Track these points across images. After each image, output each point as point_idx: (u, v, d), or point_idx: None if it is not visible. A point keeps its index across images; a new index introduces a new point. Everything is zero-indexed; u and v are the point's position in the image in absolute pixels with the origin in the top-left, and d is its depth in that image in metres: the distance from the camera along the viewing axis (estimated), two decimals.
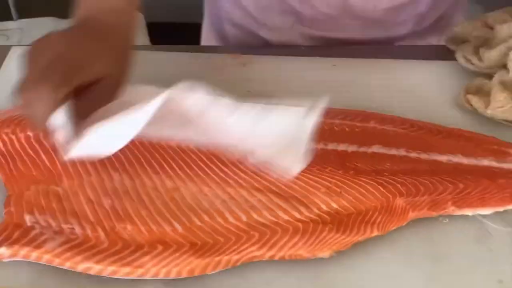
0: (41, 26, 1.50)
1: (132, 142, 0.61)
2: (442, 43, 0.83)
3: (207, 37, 1.02)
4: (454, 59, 0.77)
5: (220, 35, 1.00)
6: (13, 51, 0.78)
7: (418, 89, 0.73)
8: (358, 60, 0.77)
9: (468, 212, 0.59)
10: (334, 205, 0.58)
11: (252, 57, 0.78)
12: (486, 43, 0.75)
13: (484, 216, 0.60)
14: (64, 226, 0.56)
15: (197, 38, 1.10)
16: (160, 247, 0.54)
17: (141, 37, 1.50)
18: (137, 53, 0.77)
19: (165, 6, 2.11)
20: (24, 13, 2.08)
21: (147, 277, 0.53)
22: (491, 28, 0.76)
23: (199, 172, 0.60)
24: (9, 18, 2.01)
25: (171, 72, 0.75)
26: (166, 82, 0.73)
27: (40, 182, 0.59)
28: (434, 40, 0.95)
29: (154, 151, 0.61)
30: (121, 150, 0.61)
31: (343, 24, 0.89)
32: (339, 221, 0.57)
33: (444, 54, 0.80)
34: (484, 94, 0.70)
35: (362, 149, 0.63)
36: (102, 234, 0.55)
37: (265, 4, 0.91)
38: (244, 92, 0.73)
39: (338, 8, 0.86)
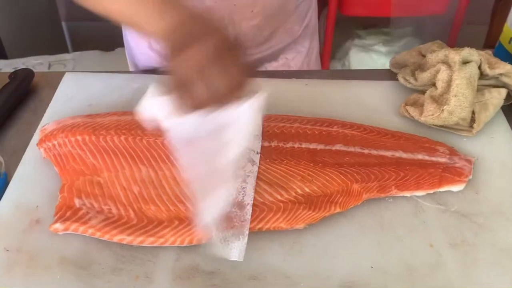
0: (90, 58, 1.50)
1: (155, 142, 0.60)
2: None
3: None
4: (396, 79, 0.76)
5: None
6: (66, 75, 0.77)
7: (370, 102, 0.73)
8: (324, 81, 0.77)
9: (407, 193, 0.59)
10: (307, 190, 0.57)
11: None
12: (420, 67, 0.74)
13: (419, 196, 0.59)
14: (104, 207, 0.55)
15: None
16: (176, 222, 0.54)
17: None
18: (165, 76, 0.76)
19: None
20: (76, 47, 2.08)
21: (166, 244, 0.53)
22: (424, 56, 0.76)
23: None
24: (65, 51, 2.00)
25: None
26: None
27: (86, 174, 0.58)
28: None
29: (173, 150, 0.60)
30: (147, 150, 0.60)
31: None
32: (310, 202, 0.56)
33: (389, 75, 0.79)
34: (419, 105, 0.69)
35: (328, 147, 0.62)
36: (132, 213, 0.55)
37: None
38: None
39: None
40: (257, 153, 0.60)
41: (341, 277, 0.51)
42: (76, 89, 0.74)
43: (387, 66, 0.82)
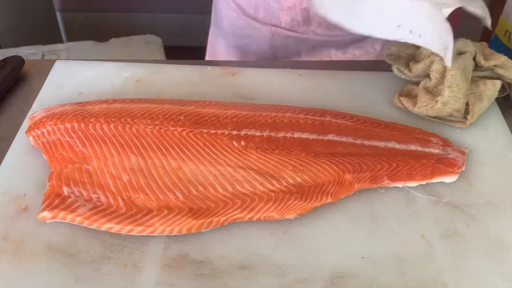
0: (84, 48, 1.48)
1: (145, 131, 0.60)
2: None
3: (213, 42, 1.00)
4: (391, 70, 0.76)
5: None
6: (57, 63, 0.76)
7: (364, 92, 0.72)
8: (318, 71, 0.76)
9: (399, 184, 0.58)
10: (298, 179, 0.57)
11: (239, 68, 0.76)
12: (414, 58, 0.73)
13: (411, 187, 0.59)
14: (92, 195, 0.54)
15: (199, 57, 1.08)
16: (165, 211, 0.53)
17: (159, 55, 1.48)
18: (156, 65, 0.76)
19: (178, 33, 2.09)
20: (71, 37, 2.07)
21: (156, 234, 0.52)
22: (418, 47, 0.75)
23: (197, 155, 0.58)
24: (59, 41, 1.99)
25: (178, 79, 0.74)
26: (174, 85, 0.72)
27: (75, 162, 0.58)
28: None
29: (163, 139, 0.59)
30: (136, 138, 0.59)
31: None
32: (302, 191, 0.56)
33: (384, 66, 0.78)
34: (413, 96, 0.69)
35: (320, 137, 0.61)
36: (121, 202, 0.54)
37: None
38: (231, 94, 0.72)
39: None
40: None
41: (331, 267, 0.51)
42: (67, 77, 0.73)
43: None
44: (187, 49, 1.14)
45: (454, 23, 0.60)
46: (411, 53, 0.76)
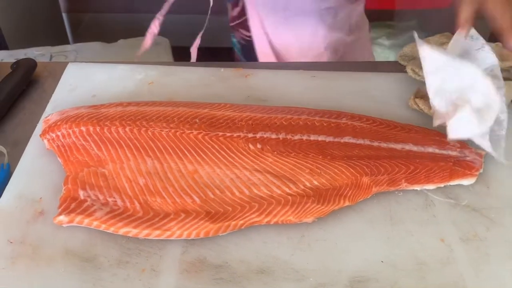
0: (92, 49, 1.48)
1: (160, 134, 0.60)
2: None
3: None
4: (405, 71, 0.75)
5: None
6: (69, 66, 0.76)
7: (378, 94, 0.72)
8: (332, 73, 0.76)
9: (417, 187, 0.58)
10: (316, 183, 0.57)
11: (252, 70, 0.76)
12: None
13: (429, 190, 0.58)
14: (109, 199, 0.54)
15: (210, 58, 1.08)
16: (183, 215, 0.53)
17: (167, 56, 1.47)
18: (169, 67, 0.75)
19: (185, 33, 2.09)
20: (77, 39, 2.06)
21: (173, 238, 0.52)
22: None
23: (213, 158, 0.58)
24: (66, 42, 1.98)
25: (192, 81, 0.74)
26: (188, 87, 0.72)
27: (90, 165, 0.58)
28: None
29: (178, 142, 0.59)
30: (152, 141, 0.59)
31: None
32: (319, 195, 0.55)
33: (397, 67, 0.78)
34: (428, 98, 0.68)
35: (337, 140, 0.61)
36: (137, 205, 0.54)
37: None
38: (245, 97, 0.71)
39: None
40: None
41: (351, 272, 0.50)
42: (79, 80, 0.73)
43: (390, 59, 0.82)
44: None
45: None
46: None
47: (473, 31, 0.61)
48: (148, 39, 0.87)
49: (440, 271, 0.51)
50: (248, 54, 0.98)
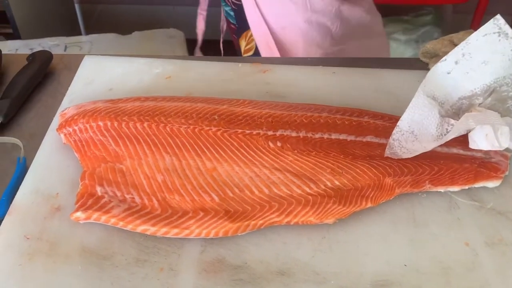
0: (106, 40, 1.47)
1: (179, 130, 0.59)
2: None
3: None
4: (427, 69, 0.74)
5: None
6: (86, 58, 0.75)
7: (400, 92, 0.70)
8: (352, 69, 0.74)
9: (441, 189, 0.57)
10: (337, 183, 0.55)
11: (271, 66, 0.75)
12: None
13: (453, 192, 0.57)
14: (127, 196, 0.53)
15: (225, 51, 1.07)
16: (201, 213, 0.52)
17: (181, 49, 1.46)
18: (186, 61, 0.74)
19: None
20: (89, 29, 2.06)
21: (192, 236, 0.51)
22: (455, 45, 0.73)
23: (232, 155, 0.57)
24: (77, 33, 1.98)
25: (209, 76, 0.73)
26: (205, 82, 0.71)
27: (108, 161, 0.57)
28: None
29: (197, 139, 0.58)
30: (170, 137, 0.58)
31: None
32: (340, 195, 0.54)
33: (418, 64, 0.77)
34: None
35: (359, 139, 0.60)
36: (156, 203, 0.53)
37: None
38: (263, 93, 0.70)
39: None
40: None
41: (373, 275, 0.49)
42: (96, 73, 0.72)
43: (406, 54, 0.80)
44: (208, 42, 1.12)
45: (477, 19, 0.59)
46: (448, 52, 0.74)
47: (509, 30, 0.59)
48: (199, 35, 0.87)
49: (465, 276, 0.50)
50: (241, 20, 0.97)
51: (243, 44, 1.02)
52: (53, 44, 1.38)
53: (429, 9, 2.05)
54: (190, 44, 1.55)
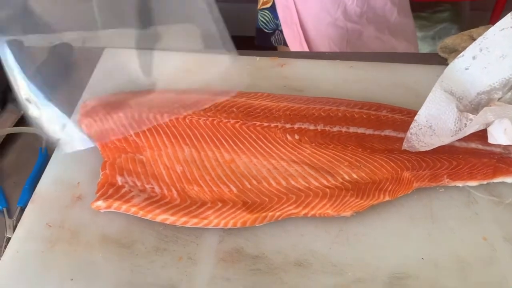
0: (124, 35, 1.48)
1: (198, 122, 0.59)
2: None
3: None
4: (445, 64, 0.73)
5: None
6: (106, 51, 0.76)
7: (419, 86, 0.70)
8: (370, 63, 0.74)
9: (459, 183, 0.56)
10: (355, 176, 0.55)
11: (288, 60, 0.75)
12: None
13: (471, 187, 0.57)
14: (147, 186, 0.54)
15: (244, 47, 1.07)
16: (220, 204, 0.52)
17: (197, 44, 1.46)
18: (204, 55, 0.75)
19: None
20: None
21: (210, 226, 0.52)
22: (474, 40, 0.72)
23: (250, 147, 0.57)
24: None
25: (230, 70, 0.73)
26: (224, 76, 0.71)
27: (128, 151, 0.57)
28: None
29: (216, 131, 0.59)
30: (189, 129, 0.59)
31: None
32: (358, 188, 0.54)
33: (436, 59, 0.76)
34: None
35: (377, 132, 0.60)
36: (175, 193, 0.53)
37: None
38: (281, 87, 0.70)
39: None
40: None
41: (390, 268, 0.49)
42: (116, 66, 0.73)
43: (422, 51, 0.79)
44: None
45: (496, 16, 0.59)
46: (467, 47, 0.74)
47: None
48: None
49: (483, 270, 0.49)
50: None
51: None
52: (72, 38, 1.39)
53: (447, 5, 2.03)
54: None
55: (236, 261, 0.50)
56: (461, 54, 0.62)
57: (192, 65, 0.72)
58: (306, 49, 0.98)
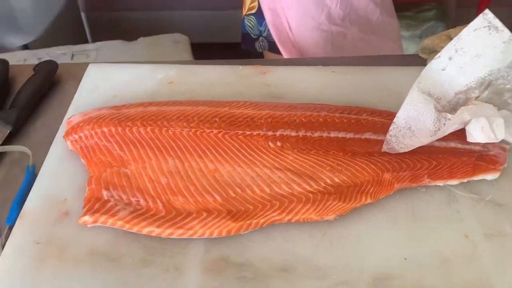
0: (113, 47, 1.49)
1: (181, 133, 0.60)
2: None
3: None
4: (426, 65, 0.74)
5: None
6: (90, 67, 0.76)
7: (400, 88, 0.70)
8: (351, 68, 0.75)
9: (440, 183, 0.57)
10: (337, 180, 0.56)
11: (271, 67, 0.76)
12: None
13: (452, 185, 0.57)
14: (132, 199, 0.55)
15: (229, 54, 1.08)
16: (204, 214, 0.53)
17: (186, 54, 1.48)
18: (188, 66, 0.76)
19: (204, 30, 2.10)
20: (96, 37, 2.08)
21: (195, 236, 0.52)
22: None
23: (233, 156, 0.58)
24: (85, 41, 2.00)
25: (211, 80, 0.74)
26: (207, 86, 0.72)
27: (113, 165, 0.58)
28: None
29: (199, 141, 0.59)
30: (173, 140, 0.60)
31: None
32: (340, 192, 0.55)
33: (417, 61, 0.77)
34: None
35: (357, 136, 0.61)
36: (160, 205, 0.54)
37: None
38: (264, 94, 0.71)
39: None
40: None
41: (374, 269, 0.50)
42: (101, 80, 0.74)
43: (409, 51, 0.80)
44: (213, 46, 1.13)
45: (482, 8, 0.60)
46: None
47: (499, 23, 0.59)
48: None
49: (465, 268, 0.50)
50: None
51: (247, 1, 1.04)
52: (61, 53, 1.40)
53: (432, 4, 2.05)
54: (195, 49, 1.56)
55: (222, 269, 0.51)
56: (437, 55, 0.63)
57: (175, 77, 0.74)
58: (295, 51, 0.99)
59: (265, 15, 1.00)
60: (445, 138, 0.61)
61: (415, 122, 0.59)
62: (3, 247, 0.53)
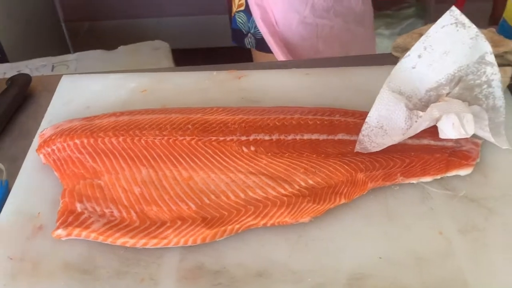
0: (93, 57, 1.48)
1: (154, 142, 0.60)
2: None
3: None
4: None
5: None
6: (63, 78, 0.76)
7: (372, 88, 0.70)
8: (325, 69, 0.75)
9: (413, 180, 0.57)
10: (311, 182, 0.56)
11: (245, 71, 0.76)
12: None
13: (426, 182, 0.58)
14: (106, 210, 0.54)
15: (208, 59, 1.08)
16: (179, 222, 0.53)
17: (167, 61, 1.48)
18: (161, 73, 0.75)
19: (185, 35, 2.09)
20: (77, 47, 2.08)
21: (170, 245, 0.52)
22: None
23: (207, 163, 0.58)
24: (66, 51, 2.00)
25: (185, 87, 0.74)
26: (181, 93, 0.72)
27: (86, 177, 0.58)
28: None
29: (172, 149, 0.59)
30: (146, 149, 0.59)
31: None
32: (315, 194, 0.55)
33: (391, 60, 0.77)
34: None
35: (330, 137, 0.61)
36: (134, 215, 0.54)
37: None
38: (239, 99, 0.71)
39: None
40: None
41: (349, 270, 0.50)
42: (74, 92, 0.73)
43: (390, 49, 0.80)
44: (194, 51, 1.13)
45: (459, 8, 0.61)
46: None
47: (466, 20, 0.60)
48: None
49: (439, 264, 0.50)
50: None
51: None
52: (41, 65, 1.40)
53: (411, 1, 2.07)
54: (176, 55, 1.56)
55: (197, 277, 0.50)
56: (407, 53, 0.63)
57: (149, 85, 0.73)
58: (283, 45, 1.00)
59: (253, 11, 1.01)
60: (417, 136, 0.61)
61: (387, 121, 0.60)
62: None
